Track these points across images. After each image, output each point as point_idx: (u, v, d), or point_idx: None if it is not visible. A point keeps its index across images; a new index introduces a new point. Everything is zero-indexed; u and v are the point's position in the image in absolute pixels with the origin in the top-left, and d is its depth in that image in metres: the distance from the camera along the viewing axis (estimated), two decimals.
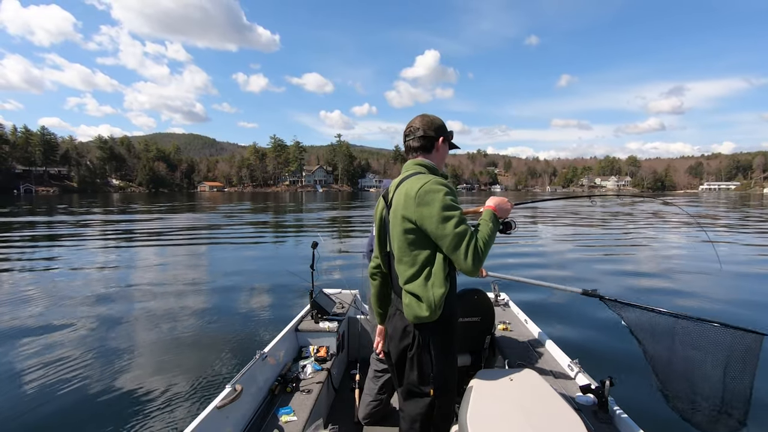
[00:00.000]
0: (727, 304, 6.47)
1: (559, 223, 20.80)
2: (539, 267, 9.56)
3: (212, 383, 3.89)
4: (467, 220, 1.60)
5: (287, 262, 10.56)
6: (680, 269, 9.20)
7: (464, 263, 1.52)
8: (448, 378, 1.69)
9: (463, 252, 1.51)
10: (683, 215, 23.10)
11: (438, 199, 1.55)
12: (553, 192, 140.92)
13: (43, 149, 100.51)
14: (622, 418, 2.06)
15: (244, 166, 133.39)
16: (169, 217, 24.79)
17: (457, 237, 1.52)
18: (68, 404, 3.60)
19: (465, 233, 1.53)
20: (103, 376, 4.13)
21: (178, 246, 13.31)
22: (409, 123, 1.81)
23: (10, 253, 11.55)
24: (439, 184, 1.59)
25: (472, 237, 1.54)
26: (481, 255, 1.53)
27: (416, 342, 1.65)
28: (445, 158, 1.86)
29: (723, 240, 14.21)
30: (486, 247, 1.56)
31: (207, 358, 4.50)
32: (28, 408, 3.55)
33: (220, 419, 2.08)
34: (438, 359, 1.65)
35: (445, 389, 1.68)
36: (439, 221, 1.53)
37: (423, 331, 1.65)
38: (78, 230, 17.82)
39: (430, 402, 1.66)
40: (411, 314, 1.63)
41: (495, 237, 1.64)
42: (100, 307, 6.46)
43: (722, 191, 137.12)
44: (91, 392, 3.81)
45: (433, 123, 1.77)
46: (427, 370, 1.65)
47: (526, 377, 1.79)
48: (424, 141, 1.75)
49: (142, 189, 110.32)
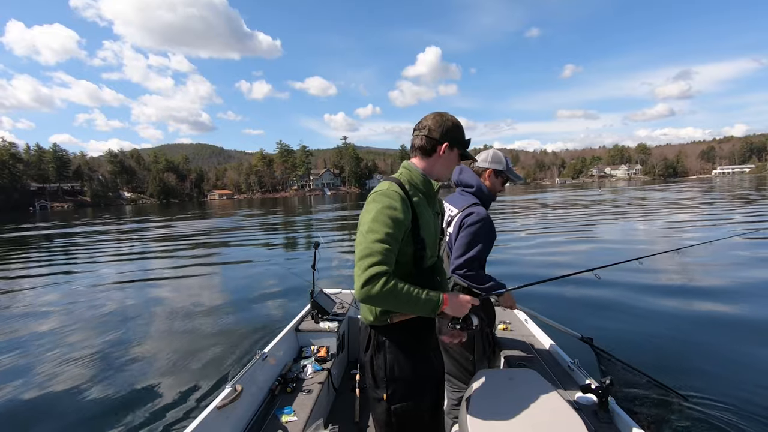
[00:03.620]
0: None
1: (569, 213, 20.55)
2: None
3: (212, 383, 3.93)
4: (394, 245, 1.40)
5: (288, 262, 10.64)
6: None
7: (357, 278, 1.35)
8: (406, 384, 1.54)
9: (364, 267, 1.34)
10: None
11: (376, 209, 1.42)
12: (563, 184, 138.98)
13: (56, 166, 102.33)
14: (622, 418, 2.05)
15: (252, 173, 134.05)
16: (180, 225, 25.09)
17: (368, 251, 1.35)
18: (68, 404, 3.65)
19: (379, 252, 1.35)
20: (103, 376, 4.20)
21: (182, 250, 13.52)
22: (423, 117, 1.62)
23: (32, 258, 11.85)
24: (386, 196, 1.44)
25: (385, 263, 1.35)
26: (378, 288, 1.32)
27: (371, 343, 1.57)
28: (450, 167, 1.65)
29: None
30: (391, 295, 1.34)
31: (207, 358, 4.55)
32: (28, 407, 3.62)
33: (221, 419, 2.11)
34: (393, 363, 1.53)
35: (402, 396, 1.54)
36: (365, 230, 1.41)
37: (378, 332, 1.56)
38: (94, 240, 18.15)
39: (386, 408, 1.55)
40: (363, 316, 1.59)
41: (413, 308, 1.41)
42: (100, 307, 6.62)
43: (736, 175, 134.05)
44: (91, 392, 3.87)
45: (443, 125, 1.56)
46: (380, 374, 1.55)
47: (526, 377, 1.78)
48: (425, 141, 1.57)
49: (154, 200, 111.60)
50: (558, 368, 2.74)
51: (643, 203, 26.00)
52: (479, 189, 2.29)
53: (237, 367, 3.96)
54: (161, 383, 3.99)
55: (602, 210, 22.40)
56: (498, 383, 1.74)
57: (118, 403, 3.66)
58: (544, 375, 2.03)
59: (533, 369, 2.14)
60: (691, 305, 5.72)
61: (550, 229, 15.20)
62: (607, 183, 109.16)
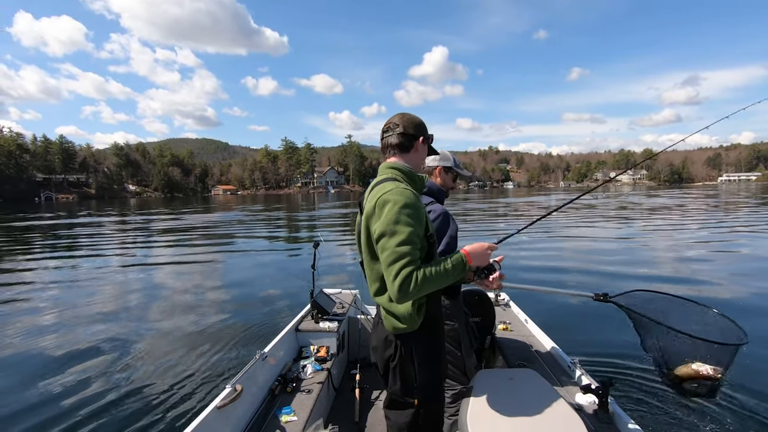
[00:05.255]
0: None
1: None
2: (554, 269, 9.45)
3: (212, 383, 3.93)
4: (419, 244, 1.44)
5: (288, 262, 10.65)
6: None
7: (391, 285, 1.37)
8: (434, 387, 1.62)
9: (395, 272, 1.36)
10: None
11: (392, 210, 1.42)
12: (567, 187, 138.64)
13: (62, 157, 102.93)
14: (622, 418, 2.04)
15: (257, 169, 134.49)
16: (184, 218, 25.20)
17: (395, 255, 1.38)
18: (68, 404, 3.65)
19: (406, 254, 1.37)
20: (103, 376, 4.20)
21: (183, 247, 13.61)
22: (388, 120, 1.70)
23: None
24: (399, 195, 1.46)
25: (413, 262, 1.38)
26: (413, 286, 1.35)
27: (398, 353, 1.58)
28: (423, 160, 1.76)
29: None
30: (426, 283, 1.37)
31: (207, 358, 4.55)
32: (26, 408, 3.62)
33: (221, 419, 2.11)
34: (422, 369, 1.58)
35: (430, 398, 1.62)
36: (385, 234, 1.41)
37: (404, 340, 1.58)
38: (97, 232, 18.26)
39: (415, 412, 1.60)
40: (390, 325, 1.59)
41: (448, 280, 1.43)
42: (100, 308, 6.63)
43: (742, 182, 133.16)
44: (90, 392, 3.87)
45: (412, 121, 1.66)
46: (410, 381, 1.58)
47: (526, 377, 1.79)
48: (403, 138, 1.64)
49: (158, 194, 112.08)
50: (558, 368, 2.74)
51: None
52: (430, 189, 2.38)
53: (237, 367, 3.94)
54: (161, 383, 3.99)
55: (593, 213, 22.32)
56: (498, 383, 1.74)
57: (117, 402, 3.66)
58: (544, 375, 2.03)
59: (533, 369, 2.14)
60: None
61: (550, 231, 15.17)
62: (611, 188, 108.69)
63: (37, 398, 3.79)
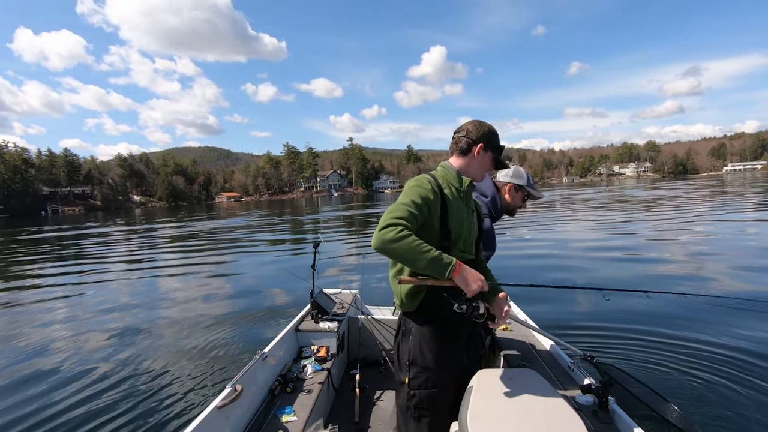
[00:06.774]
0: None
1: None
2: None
3: (212, 383, 3.93)
4: (418, 216, 1.50)
5: (288, 262, 10.67)
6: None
7: (376, 230, 1.44)
8: (428, 372, 1.62)
9: (383, 219, 1.45)
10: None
11: (407, 188, 1.59)
12: (571, 182, 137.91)
13: (66, 170, 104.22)
14: (622, 418, 2.03)
15: (260, 175, 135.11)
16: (189, 225, 25.35)
17: (392, 208, 1.49)
18: (68, 404, 3.67)
19: (401, 210, 1.46)
20: (102, 376, 4.23)
21: (185, 251, 13.67)
22: (464, 123, 1.78)
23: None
24: (417, 180, 1.61)
25: (406, 220, 1.43)
26: (390, 236, 1.38)
27: (401, 328, 1.72)
28: (482, 169, 1.74)
29: None
30: (405, 246, 1.38)
31: (207, 358, 4.56)
32: (25, 407, 3.65)
33: (220, 419, 2.11)
34: (417, 348, 1.63)
35: (422, 383, 1.62)
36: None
37: (407, 317, 1.69)
38: (102, 241, 18.41)
39: (407, 392, 1.63)
40: (395, 303, 1.72)
41: (422, 264, 1.41)
42: (100, 308, 6.71)
43: (748, 171, 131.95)
44: (90, 391, 3.89)
45: (480, 128, 1.70)
46: (404, 357, 1.66)
47: (526, 377, 1.78)
48: (463, 142, 1.70)
49: (162, 203, 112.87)
50: (558, 368, 2.72)
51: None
52: (493, 200, 2.30)
53: (237, 367, 3.93)
54: (161, 382, 4.00)
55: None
56: (498, 383, 1.73)
57: (117, 402, 3.67)
58: (544, 375, 2.02)
59: (533, 369, 2.14)
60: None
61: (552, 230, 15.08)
62: (615, 181, 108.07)
63: (37, 398, 3.82)
